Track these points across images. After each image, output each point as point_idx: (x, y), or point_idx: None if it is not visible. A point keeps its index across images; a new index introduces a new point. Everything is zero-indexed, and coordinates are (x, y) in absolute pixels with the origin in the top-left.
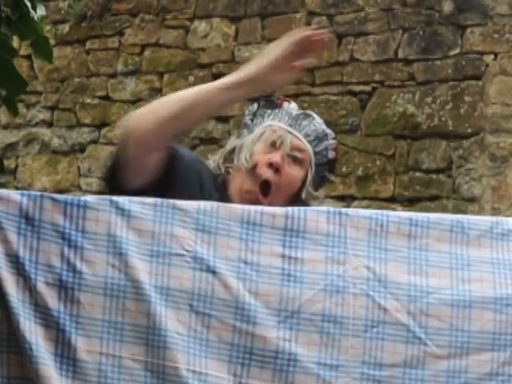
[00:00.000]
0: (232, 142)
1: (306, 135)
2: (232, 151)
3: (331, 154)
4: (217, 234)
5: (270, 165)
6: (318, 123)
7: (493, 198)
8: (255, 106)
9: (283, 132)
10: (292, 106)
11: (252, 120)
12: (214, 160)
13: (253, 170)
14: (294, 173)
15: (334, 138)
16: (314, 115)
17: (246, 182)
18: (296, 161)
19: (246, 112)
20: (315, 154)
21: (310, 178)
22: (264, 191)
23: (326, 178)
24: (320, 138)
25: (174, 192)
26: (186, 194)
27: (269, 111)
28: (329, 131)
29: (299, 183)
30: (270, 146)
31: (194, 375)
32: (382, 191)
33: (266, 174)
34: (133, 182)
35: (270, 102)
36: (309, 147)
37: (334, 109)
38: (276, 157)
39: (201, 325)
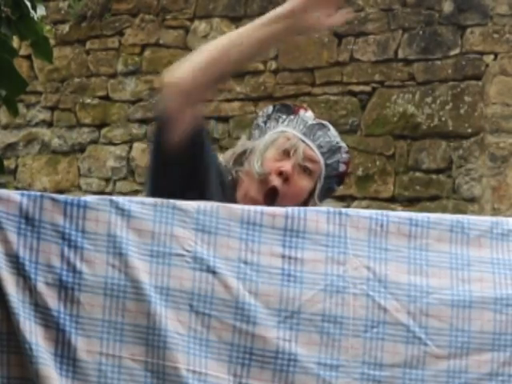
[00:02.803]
0: (243, 144)
1: (320, 146)
2: (243, 153)
3: (342, 168)
4: (217, 234)
5: (280, 173)
6: (332, 135)
7: (493, 198)
8: (270, 108)
9: (297, 140)
10: (308, 115)
11: (265, 123)
12: (224, 160)
13: (262, 176)
14: (303, 183)
15: (348, 152)
16: (330, 126)
17: (253, 188)
18: (306, 171)
19: (260, 113)
20: (326, 166)
21: (318, 189)
22: (270, 199)
23: (333, 189)
24: (333, 150)
25: (198, 167)
26: (206, 175)
27: (284, 116)
28: (343, 145)
29: (306, 194)
30: (282, 154)
31: (194, 375)
32: (382, 191)
33: (275, 181)
34: (171, 138)
35: (286, 107)
36: (321, 158)
37: (333, 109)
38: (287, 165)
39: (201, 325)
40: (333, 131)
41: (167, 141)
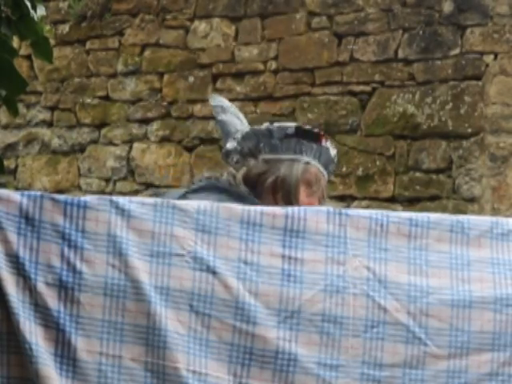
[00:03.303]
0: (255, 164)
1: (329, 172)
2: (261, 174)
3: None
4: (217, 234)
5: None
6: (336, 157)
7: (493, 198)
8: (291, 130)
9: (323, 180)
10: (329, 145)
11: (281, 141)
12: (234, 176)
13: None
14: None
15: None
16: (335, 149)
17: None
18: (321, 201)
19: (275, 128)
20: None
21: None
22: None
23: None
24: (334, 171)
25: None
26: None
27: (305, 142)
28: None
29: None
30: (310, 190)
31: (194, 375)
32: (382, 191)
33: None
34: None
35: (310, 134)
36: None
37: (334, 109)
38: (315, 203)
39: (201, 325)
40: (336, 153)
41: None
